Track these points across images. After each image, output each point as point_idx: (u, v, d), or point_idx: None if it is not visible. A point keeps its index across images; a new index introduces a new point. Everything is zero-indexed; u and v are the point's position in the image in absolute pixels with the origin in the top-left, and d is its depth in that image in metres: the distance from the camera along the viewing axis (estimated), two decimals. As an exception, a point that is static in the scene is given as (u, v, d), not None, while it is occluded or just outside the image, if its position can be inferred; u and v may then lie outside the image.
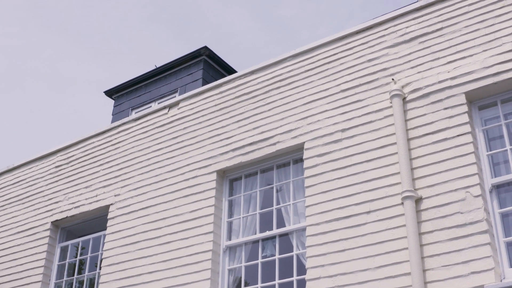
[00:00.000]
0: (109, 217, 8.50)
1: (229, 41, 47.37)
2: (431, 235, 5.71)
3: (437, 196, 5.85)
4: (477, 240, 5.46)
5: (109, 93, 14.61)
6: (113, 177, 8.82)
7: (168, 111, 8.77)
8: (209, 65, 13.28)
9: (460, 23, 6.59)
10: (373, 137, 6.56)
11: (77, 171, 9.42)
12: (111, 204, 8.57)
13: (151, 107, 12.59)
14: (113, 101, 14.58)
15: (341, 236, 6.26)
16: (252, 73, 8.12)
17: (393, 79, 6.72)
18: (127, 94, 14.26)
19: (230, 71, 13.59)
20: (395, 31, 7.05)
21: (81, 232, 9.33)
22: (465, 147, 5.91)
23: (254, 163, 7.54)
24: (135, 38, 45.92)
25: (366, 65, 7.07)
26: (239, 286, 7.12)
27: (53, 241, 9.19)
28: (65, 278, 8.92)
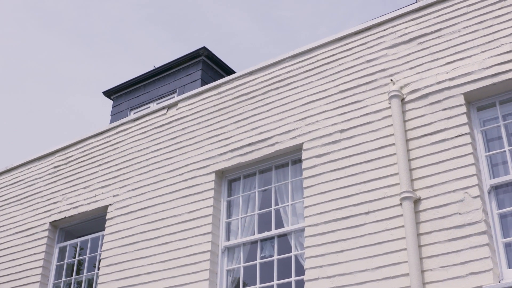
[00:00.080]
0: (107, 217, 8.49)
1: (228, 41, 47.39)
2: (430, 236, 5.71)
3: (436, 197, 5.85)
4: (475, 241, 5.46)
5: (108, 93, 14.61)
6: (111, 178, 8.81)
7: (166, 112, 8.76)
8: (207, 66, 13.27)
9: (458, 24, 6.60)
10: (371, 138, 6.56)
11: (75, 171, 9.42)
12: (110, 204, 8.56)
13: (149, 107, 12.59)
14: (111, 102, 14.57)
15: (339, 237, 6.26)
16: (250, 73, 8.12)
17: (391, 80, 6.72)
18: (126, 94, 14.25)
19: (229, 71, 13.59)
20: (394, 32, 7.05)
21: (79, 232, 9.32)
22: (464, 148, 5.92)
23: (252, 163, 7.54)
24: (133, 38, 45.92)
25: (364, 65, 7.06)
26: (237, 286, 7.12)
27: (51, 241, 9.18)
28: (64, 278, 8.90)
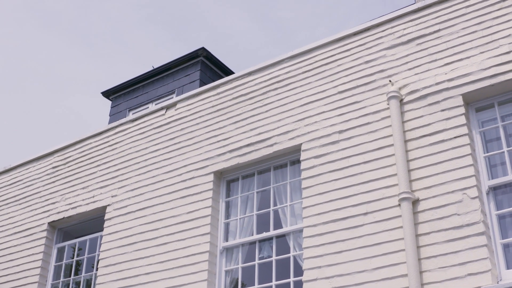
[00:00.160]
0: (106, 218, 8.49)
1: (227, 42, 47.40)
2: (428, 237, 5.71)
3: (434, 197, 5.85)
4: (474, 241, 5.46)
5: (107, 94, 14.60)
6: (110, 178, 8.81)
7: (165, 112, 8.76)
8: (206, 66, 13.27)
9: (457, 25, 6.60)
10: (370, 139, 6.56)
11: (74, 172, 9.41)
12: (108, 205, 8.56)
13: (148, 108, 12.58)
14: (110, 102, 14.56)
15: (338, 237, 6.26)
16: (249, 74, 8.11)
17: (390, 81, 6.72)
18: (125, 95, 14.24)
19: (227, 72, 13.58)
20: (393, 32, 7.06)
21: (78, 233, 9.31)
22: (462, 149, 5.92)
23: (251, 164, 7.54)
24: (132, 39, 45.91)
25: (363, 66, 7.07)
26: (236, 287, 7.11)
27: (49, 242, 9.18)
28: (62, 279, 8.90)
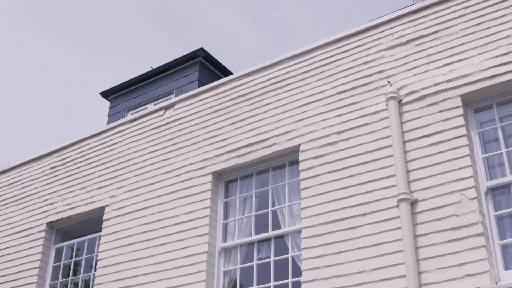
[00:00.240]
0: (104, 218, 8.48)
1: (226, 42, 47.41)
2: (427, 238, 5.71)
3: (433, 198, 5.86)
4: (472, 242, 5.46)
5: (105, 94, 14.59)
6: (108, 179, 8.80)
7: (164, 113, 8.76)
8: (205, 67, 13.27)
9: (456, 26, 6.60)
10: (368, 140, 6.56)
11: (72, 172, 9.41)
12: (107, 205, 8.55)
13: (147, 108, 12.56)
14: (108, 103, 14.55)
15: (336, 238, 6.26)
16: (248, 75, 8.11)
17: (389, 82, 6.73)
18: (123, 95, 14.23)
19: (226, 73, 13.58)
20: (391, 33, 7.06)
21: (76, 233, 9.30)
22: (461, 150, 5.92)
23: (249, 165, 7.53)
24: (131, 39, 45.90)
25: (362, 67, 7.07)
26: (234, 288, 7.12)
27: (48, 242, 9.17)
28: (60, 279, 8.89)
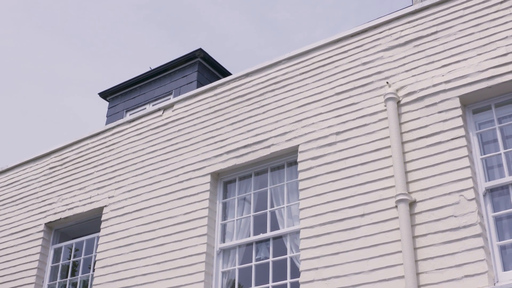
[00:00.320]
0: (103, 219, 8.48)
1: (224, 43, 47.42)
2: (425, 239, 5.71)
3: (431, 199, 5.86)
4: (470, 243, 5.46)
5: (104, 94, 14.58)
6: (107, 179, 8.80)
7: (162, 113, 8.76)
8: (204, 67, 13.27)
9: (454, 27, 6.61)
10: (367, 140, 6.56)
11: (71, 172, 9.40)
12: (105, 206, 8.55)
13: (145, 109, 12.58)
14: (107, 103, 14.55)
15: (335, 239, 6.26)
16: (247, 75, 8.12)
17: (387, 83, 6.73)
18: (122, 96, 14.23)
19: (225, 73, 13.58)
20: (390, 34, 7.06)
21: (74, 233, 9.30)
22: (459, 151, 5.92)
23: (248, 165, 7.53)
24: (130, 39, 45.90)
25: (360, 68, 7.07)
26: (232, 288, 7.12)
27: (46, 242, 9.16)
28: (59, 280, 8.89)
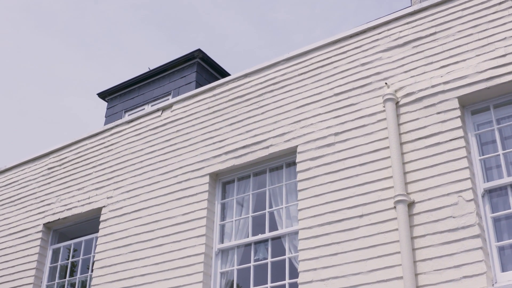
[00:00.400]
0: (101, 219, 8.48)
1: (223, 44, 47.41)
2: (424, 239, 5.72)
3: (430, 200, 5.86)
4: (469, 244, 5.47)
5: (102, 95, 14.58)
6: (105, 179, 8.80)
7: (161, 114, 8.76)
8: (202, 68, 13.27)
9: (453, 27, 6.61)
10: (366, 141, 6.56)
11: (69, 173, 9.40)
12: (104, 206, 8.54)
13: (144, 109, 12.55)
14: (106, 103, 14.55)
15: (333, 239, 6.26)
16: (245, 76, 8.11)
17: (386, 83, 6.73)
18: (120, 96, 14.23)
19: (223, 74, 13.58)
20: (389, 35, 7.06)
21: (73, 234, 9.30)
22: (458, 152, 5.93)
23: (247, 166, 7.53)
24: (128, 40, 45.89)
25: (359, 69, 7.07)
26: (231, 289, 7.12)
27: (45, 243, 9.16)
28: (57, 280, 8.88)
